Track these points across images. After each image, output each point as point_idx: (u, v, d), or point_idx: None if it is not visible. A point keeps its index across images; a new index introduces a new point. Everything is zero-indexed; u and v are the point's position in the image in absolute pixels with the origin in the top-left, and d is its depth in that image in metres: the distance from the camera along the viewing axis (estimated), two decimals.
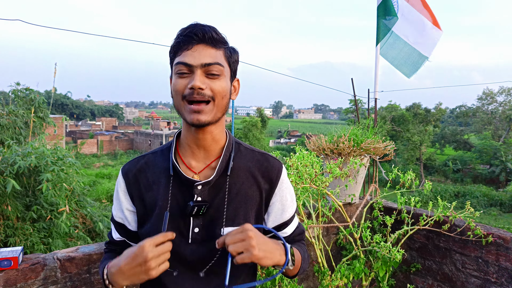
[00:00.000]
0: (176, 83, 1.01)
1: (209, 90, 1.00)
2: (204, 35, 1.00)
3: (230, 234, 0.96)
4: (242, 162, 1.13)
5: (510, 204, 25.12)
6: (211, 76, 1.00)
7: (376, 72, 3.59)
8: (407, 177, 2.49)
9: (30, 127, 6.74)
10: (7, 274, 1.67)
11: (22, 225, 4.90)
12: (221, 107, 1.03)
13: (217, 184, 1.08)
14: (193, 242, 1.06)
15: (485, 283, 2.54)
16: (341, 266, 2.37)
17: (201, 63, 0.99)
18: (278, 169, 1.16)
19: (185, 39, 1.01)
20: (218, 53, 1.02)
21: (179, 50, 1.02)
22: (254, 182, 1.12)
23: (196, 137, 1.07)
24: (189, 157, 1.10)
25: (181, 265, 1.07)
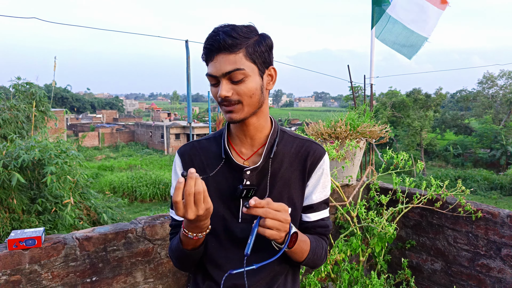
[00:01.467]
0: (212, 91, 1.14)
1: (235, 94, 1.08)
2: (219, 44, 1.05)
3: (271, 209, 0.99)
4: (286, 148, 1.22)
5: (510, 187, 25.31)
6: (236, 82, 1.07)
7: (371, 57, 3.71)
8: (400, 158, 2.63)
9: (32, 121, 6.87)
10: (32, 252, 1.83)
11: (27, 218, 5.03)
12: (252, 105, 1.11)
13: (263, 169, 1.18)
14: (242, 222, 1.18)
15: (475, 256, 2.70)
16: (339, 242, 2.53)
17: (222, 73, 1.06)
18: (320, 154, 1.23)
19: (206, 52, 1.09)
20: (238, 56, 1.06)
21: (207, 61, 1.11)
22: (297, 167, 1.21)
23: (241, 129, 1.19)
24: (239, 145, 1.22)
25: (232, 242, 1.19)
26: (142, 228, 2.16)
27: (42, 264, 1.85)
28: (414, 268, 3.08)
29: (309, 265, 1.23)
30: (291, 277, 1.27)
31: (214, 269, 1.20)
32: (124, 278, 2.11)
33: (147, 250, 2.18)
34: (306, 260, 1.19)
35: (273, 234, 1.00)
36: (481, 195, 24.21)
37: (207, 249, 1.20)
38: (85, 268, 1.98)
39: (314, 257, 1.21)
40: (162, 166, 28.25)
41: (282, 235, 1.02)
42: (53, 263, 1.89)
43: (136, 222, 2.22)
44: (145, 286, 2.20)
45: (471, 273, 2.73)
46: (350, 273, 2.50)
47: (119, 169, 26.76)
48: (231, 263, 1.17)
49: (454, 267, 2.82)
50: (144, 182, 19.23)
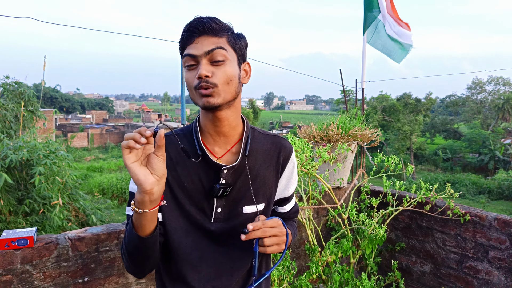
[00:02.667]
0: (186, 77, 1.09)
1: (215, 77, 1.05)
2: (203, 26, 1.06)
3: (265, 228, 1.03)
4: (258, 145, 1.23)
5: (498, 192, 25.67)
6: (216, 63, 1.06)
7: (363, 62, 3.75)
8: (391, 161, 2.67)
9: (20, 121, 6.79)
10: (24, 252, 1.82)
11: (14, 219, 4.96)
12: (229, 91, 1.08)
13: (238, 168, 1.16)
14: (215, 222, 1.16)
15: (463, 258, 2.75)
16: (330, 243, 2.55)
17: (204, 51, 1.05)
18: (290, 149, 1.28)
19: (187, 34, 1.07)
20: (221, 40, 1.07)
21: (185, 45, 1.09)
22: (270, 163, 1.23)
23: (215, 124, 1.15)
24: (212, 143, 1.18)
25: (207, 240, 1.17)
26: None
27: (34, 264, 1.85)
28: (403, 270, 3.12)
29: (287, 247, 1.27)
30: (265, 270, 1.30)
31: (189, 271, 1.16)
32: (116, 279, 2.11)
33: None
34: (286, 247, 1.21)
35: (274, 250, 1.05)
36: (469, 199, 24.51)
37: (180, 250, 1.15)
38: (77, 268, 1.98)
39: (293, 241, 1.31)
40: None
41: (283, 247, 1.07)
42: (45, 263, 1.88)
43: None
44: (137, 287, 2.20)
45: (459, 275, 2.77)
46: (341, 275, 2.52)
47: (109, 170, 26.52)
48: (207, 263, 1.16)
49: (443, 269, 2.87)
50: None
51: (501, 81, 48.14)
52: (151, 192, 0.93)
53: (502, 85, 48.44)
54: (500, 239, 2.56)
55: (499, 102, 45.26)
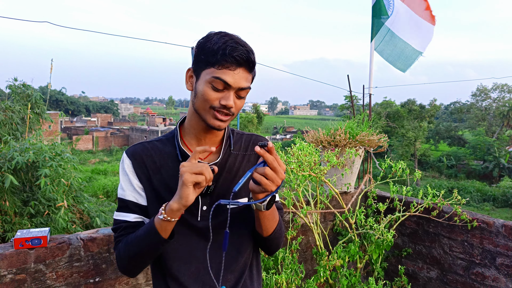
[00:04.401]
0: (208, 94, 1.11)
1: (235, 108, 1.14)
2: (248, 60, 1.10)
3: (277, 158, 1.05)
4: (237, 144, 1.31)
5: (503, 199, 25.49)
6: (240, 97, 1.14)
7: (370, 69, 3.78)
8: (399, 167, 2.69)
9: (26, 123, 6.85)
10: (38, 252, 1.85)
11: (20, 220, 5.00)
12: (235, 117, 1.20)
13: (220, 165, 1.23)
14: (202, 219, 1.21)
15: (470, 264, 2.75)
16: (337, 248, 2.56)
17: (239, 86, 1.11)
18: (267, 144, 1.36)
19: (231, 60, 1.08)
20: (250, 77, 1.15)
21: (221, 65, 1.09)
22: (249, 159, 1.30)
23: (206, 132, 1.22)
24: (195, 145, 1.25)
25: (195, 236, 1.22)
26: None
27: (47, 264, 1.88)
28: (410, 276, 3.12)
29: (276, 240, 1.28)
30: (256, 269, 1.34)
31: (179, 267, 1.20)
32: (127, 280, 2.13)
33: None
34: (274, 232, 1.25)
35: (267, 184, 1.03)
36: (474, 206, 24.36)
37: (169, 247, 1.20)
38: (89, 268, 2.00)
39: (280, 230, 1.29)
40: None
41: (273, 188, 1.05)
42: (57, 263, 1.91)
43: None
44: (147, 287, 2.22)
45: (466, 281, 2.77)
46: (349, 279, 2.54)
47: (113, 173, 26.60)
48: (196, 259, 1.21)
49: (450, 275, 2.87)
50: None
51: (506, 88, 47.98)
52: (187, 205, 1.04)
53: (507, 92, 48.27)
54: (507, 245, 2.56)
55: (504, 109, 45.08)
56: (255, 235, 1.30)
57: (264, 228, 1.22)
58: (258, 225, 1.22)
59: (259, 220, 1.19)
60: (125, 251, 1.15)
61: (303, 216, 2.62)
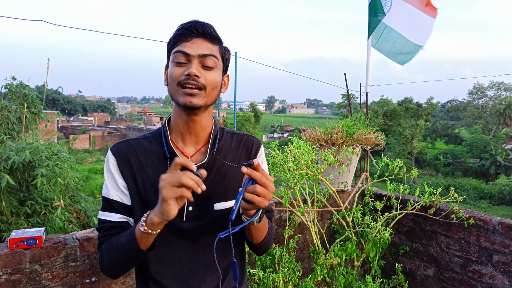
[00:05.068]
0: (173, 71, 1.11)
1: (203, 79, 1.10)
2: (203, 30, 1.12)
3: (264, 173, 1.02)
4: (227, 144, 1.27)
5: (499, 197, 25.62)
6: (206, 67, 1.11)
7: (367, 67, 3.77)
8: (395, 165, 2.69)
9: (23, 122, 6.82)
10: (33, 252, 1.84)
11: (16, 220, 4.97)
12: (211, 96, 1.14)
13: (208, 166, 1.19)
14: (187, 220, 1.17)
15: (467, 262, 2.76)
16: (334, 246, 2.56)
17: (198, 53, 1.10)
18: (258, 145, 1.32)
19: (185, 32, 1.11)
20: (214, 48, 1.14)
21: (179, 41, 1.12)
22: (239, 160, 1.27)
23: (188, 124, 1.18)
24: (181, 142, 1.21)
25: (178, 238, 1.19)
26: None
27: (42, 264, 1.86)
28: (407, 274, 3.13)
29: (265, 245, 1.27)
30: (240, 269, 1.31)
31: (162, 269, 1.18)
32: (123, 279, 2.12)
33: None
34: (264, 240, 1.24)
35: (260, 201, 1.01)
36: (470, 204, 24.47)
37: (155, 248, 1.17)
38: (85, 268, 1.99)
39: (270, 237, 1.27)
40: None
41: (266, 203, 1.03)
42: (53, 263, 1.90)
43: None
44: None
45: (463, 279, 2.78)
46: (346, 277, 2.54)
47: None
48: (180, 261, 1.18)
49: (447, 273, 2.88)
50: None
51: (502, 86, 48.21)
52: (171, 219, 0.99)
53: (503, 90, 48.49)
54: (504, 243, 2.57)
55: (501, 107, 45.29)
56: (245, 240, 1.28)
57: (255, 237, 1.21)
58: (248, 235, 1.21)
59: (250, 231, 1.18)
60: (107, 254, 1.13)
61: (300, 214, 2.62)
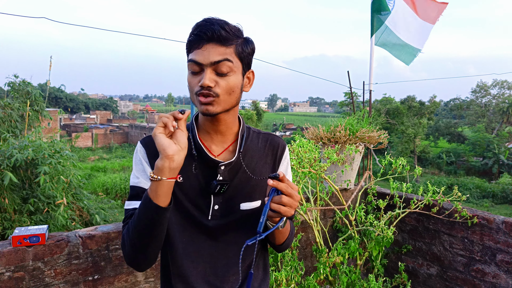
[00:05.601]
0: (189, 81, 1.10)
1: (217, 87, 1.06)
2: (213, 34, 1.04)
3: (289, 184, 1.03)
4: (254, 144, 1.26)
5: (502, 196, 25.54)
6: (220, 73, 1.06)
7: (370, 65, 3.76)
8: (399, 163, 2.67)
9: (26, 120, 6.83)
10: (36, 249, 1.84)
11: (19, 218, 4.98)
12: (229, 101, 1.10)
13: (235, 165, 1.19)
14: (212, 218, 1.17)
15: (470, 261, 2.75)
16: (337, 245, 2.56)
17: (210, 61, 1.04)
18: (284, 146, 1.32)
19: (195, 38, 1.06)
20: (228, 50, 1.07)
21: (191, 48, 1.08)
22: (266, 161, 1.26)
23: (213, 123, 1.18)
24: (209, 141, 1.20)
25: (204, 236, 1.19)
26: None
27: (45, 261, 1.87)
28: (410, 273, 3.12)
29: (286, 245, 1.28)
30: (263, 270, 1.30)
31: (187, 266, 1.18)
32: (126, 277, 2.12)
33: None
34: (286, 241, 1.24)
35: (287, 211, 1.02)
36: (473, 203, 24.40)
37: (177, 245, 1.17)
38: (88, 266, 1.99)
39: (291, 237, 1.28)
40: None
41: (292, 212, 1.04)
42: (56, 261, 1.90)
43: None
44: (146, 285, 2.21)
45: (466, 278, 2.77)
46: (349, 276, 2.53)
47: (112, 170, 26.62)
48: (203, 258, 1.18)
49: (450, 272, 2.87)
50: None
51: (505, 84, 47.98)
52: (172, 158, 0.99)
53: (507, 89, 48.27)
54: (508, 242, 2.55)
55: (504, 106, 45.08)
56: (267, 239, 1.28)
57: (277, 239, 1.22)
58: (271, 237, 1.22)
59: (274, 235, 1.19)
60: (127, 234, 1.09)
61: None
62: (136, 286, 2.17)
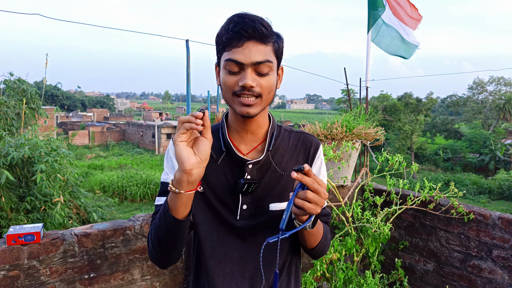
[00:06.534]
0: (226, 80, 1.04)
1: (259, 87, 1.03)
2: (254, 31, 1.00)
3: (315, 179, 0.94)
4: (284, 142, 1.21)
5: (498, 192, 25.68)
6: (261, 73, 1.03)
7: (367, 61, 3.75)
8: (395, 160, 2.67)
9: (22, 118, 6.80)
10: (31, 248, 1.83)
11: (16, 216, 4.96)
12: (267, 101, 1.08)
13: (264, 164, 1.15)
14: (241, 218, 1.13)
15: (467, 257, 2.75)
16: (334, 241, 2.56)
17: (252, 61, 1.00)
18: (317, 145, 1.25)
19: (235, 35, 1.00)
20: (268, 48, 1.03)
21: (229, 45, 1.02)
22: (297, 160, 1.20)
23: (244, 122, 1.15)
24: (238, 140, 1.17)
25: (231, 234, 1.16)
26: (140, 225, 2.17)
27: (40, 260, 1.86)
28: (407, 269, 3.12)
29: (320, 250, 1.20)
30: (294, 276, 1.25)
31: (214, 266, 1.15)
32: (122, 275, 2.12)
33: (145, 247, 2.18)
34: (319, 245, 1.17)
35: (311, 207, 0.94)
36: (470, 199, 24.53)
37: (206, 244, 1.15)
38: (83, 264, 1.98)
39: (325, 242, 1.21)
40: (152, 166, 28.10)
41: (318, 210, 0.95)
42: (51, 259, 1.89)
43: (134, 219, 2.23)
44: (142, 283, 2.20)
45: (462, 273, 2.78)
46: (345, 273, 2.53)
47: (109, 168, 26.58)
48: (231, 260, 1.15)
49: (446, 268, 2.87)
50: (134, 181, 19.11)
51: (502, 81, 48.15)
52: (190, 173, 0.93)
53: (503, 85, 48.44)
54: (504, 238, 2.56)
55: (500, 102, 45.26)
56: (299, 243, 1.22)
57: (308, 242, 1.15)
58: (302, 240, 1.15)
59: (303, 236, 1.12)
60: (150, 234, 1.10)
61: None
62: (133, 284, 2.17)
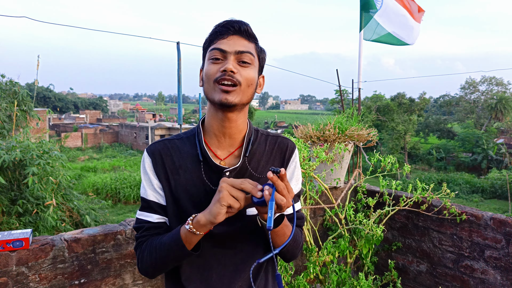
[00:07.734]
0: (209, 68, 1.10)
1: (239, 75, 1.08)
2: (240, 27, 1.11)
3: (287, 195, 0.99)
4: (261, 147, 1.23)
5: (491, 191, 25.89)
6: (242, 64, 1.10)
7: (359, 62, 3.76)
8: (387, 161, 2.67)
9: (13, 120, 6.72)
10: (19, 254, 1.80)
11: (7, 220, 4.90)
12: (247, 94, 1.12)
13: (241, 170, 1.17)
14: (219, 224, 1.09)
15: (460, 257, 2.76)
16: (327, 243, 2.55)
17: (235, 50, 1.09)
18: (291, 148, 1.27)
19: (222, 29, 1.11)
20: (251, 45, 1.13)
21: (215, 39, 1.12)
22: (273, 164, 1.23)
23: (223, 125, 1.15)
24: (215, 144, 1.18)
25: (208, 240, 1.15)
26: (131, 229, 2.14)
27: (29, 266, 1.83)
28: (400, 270, 3.12)
29: (289, 253, 1.23)
30: (272, 276, 1.27)
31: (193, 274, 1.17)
32: (113, 280, 2.09)
33: None
34: (287, 246, 1.20)
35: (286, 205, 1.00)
36: (463, 198, 24.71)
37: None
38: (74, 270, 1.96)
39: (295, 244, 1.23)
40: None
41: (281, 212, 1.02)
42: (40, 265, 1.86)
43: (125, 224, 2.20)
44: None
45: (455, 274, 2.78)
46: (339, 275, 2.52)
47: (103, 170, 26.42)
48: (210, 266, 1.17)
49: (439, 269, 2.88)
50: (128, 183, 19.01)
51: (494, 81, 48.57)
52: (216, 223, 1.01)
53: (495, 85, 48.86)
54: (496, 238, 2.57)
55: (492, 102, 45.63)
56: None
57: (274, 243, 1.16)
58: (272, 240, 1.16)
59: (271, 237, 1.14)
60: (148, 255, 1.13)
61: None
62: None
